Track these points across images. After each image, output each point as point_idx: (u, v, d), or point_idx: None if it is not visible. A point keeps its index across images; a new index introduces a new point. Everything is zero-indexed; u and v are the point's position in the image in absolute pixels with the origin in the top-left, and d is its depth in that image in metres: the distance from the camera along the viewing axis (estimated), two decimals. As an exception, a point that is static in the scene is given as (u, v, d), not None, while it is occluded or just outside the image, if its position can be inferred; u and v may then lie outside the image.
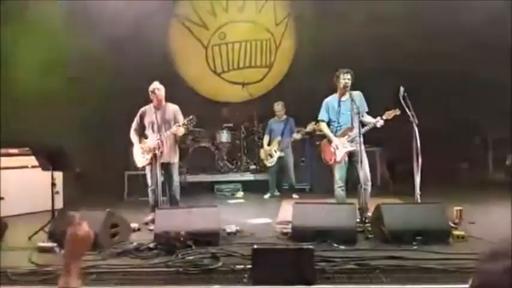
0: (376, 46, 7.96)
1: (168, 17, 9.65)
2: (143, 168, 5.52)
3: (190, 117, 5.20)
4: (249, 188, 7.92)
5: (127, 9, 8.43)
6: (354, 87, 5.16)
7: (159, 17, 9.25)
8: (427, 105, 6.08)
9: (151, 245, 4.05)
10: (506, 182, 7.11)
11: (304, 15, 9.11)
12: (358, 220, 4.59)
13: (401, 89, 4.88)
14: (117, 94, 7.86)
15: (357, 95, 5.16)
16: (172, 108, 5.49)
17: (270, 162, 7.32)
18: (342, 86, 5.11)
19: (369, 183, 5.03)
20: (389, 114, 4.96)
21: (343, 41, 7.97)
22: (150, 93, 5.34)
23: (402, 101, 4.83)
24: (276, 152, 7.26)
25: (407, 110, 4.80)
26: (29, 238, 4.54)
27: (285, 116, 7.40)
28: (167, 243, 3.95)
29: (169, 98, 5.55)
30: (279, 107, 7.40)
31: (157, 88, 5.33)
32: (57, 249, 4.02)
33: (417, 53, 7.79)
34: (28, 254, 3.94)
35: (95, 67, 8.30)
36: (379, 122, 4.97)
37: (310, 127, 6.67)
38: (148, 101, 5.48)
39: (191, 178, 7.96)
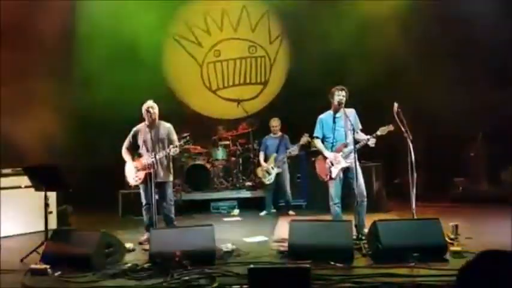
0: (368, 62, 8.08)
1: (163, 35, 9.75)
2: (138, 187, 5.46)
3: (185, 135, 5.16)
4: (244, 205, 7.85)
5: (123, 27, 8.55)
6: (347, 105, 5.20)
7: (155, 35, 9.36)
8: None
9: (146, 266, 4.02)
10: (502, 196, 7.09)
11: (298, 32, 9.26)
12: (354, 237, 4.57)
13: (396, 104, 4.89)
14: (112, 112, 7.85)
15: (351, 112, 5.18)
16: (166, 127, 5.43)
17: (268, 180, 7.22)
18: (336, 102, 5.12)
19: (365, 199, 5.01)
20: (383, 130, 4.96)
21: (336, 57, 8.08)
22: (144, 111, 5.28)
23: (396, 117, 4.86)
24: (273, 168, 7.22)
25: (401, 126, 4.82)
26: (21, 260, 4.47)
27: (280, 133, 7.40)
28: (162, 263, 3.91)
29: (163, 116, 5.49)
30: (275, 122, 7.40)
31: (151, 107, 5.29)
32: (50, 271, 3.96)
33: (412, 68, 7.92)
34: (20, 276, 3.86)
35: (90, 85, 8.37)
36: (371, 141, 4.96)
37: (304, 139, 6.65)
38: (142, 120, 5.44)
39: (187, 196, 7.90)
